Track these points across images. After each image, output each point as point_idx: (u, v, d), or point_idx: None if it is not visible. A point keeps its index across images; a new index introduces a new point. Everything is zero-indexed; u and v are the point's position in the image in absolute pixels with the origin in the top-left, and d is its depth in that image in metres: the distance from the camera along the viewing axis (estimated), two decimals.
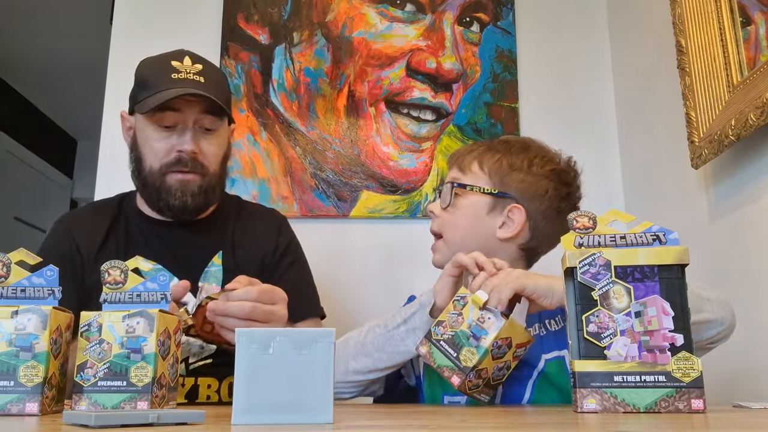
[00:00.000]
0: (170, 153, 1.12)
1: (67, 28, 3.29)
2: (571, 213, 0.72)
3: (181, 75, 1.11)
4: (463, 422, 0.62)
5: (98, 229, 1.18)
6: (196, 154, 1.12)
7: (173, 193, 1.12)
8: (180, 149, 1.12)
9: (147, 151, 1.14)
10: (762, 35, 1.18)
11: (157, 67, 1.15)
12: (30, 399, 0.69)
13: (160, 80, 1.11)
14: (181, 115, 1.11)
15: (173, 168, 1.12)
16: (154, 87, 1.11)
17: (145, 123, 1.14)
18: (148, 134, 1.14)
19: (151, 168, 1.14)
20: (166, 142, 1.12)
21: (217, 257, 1.18)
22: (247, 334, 0.58)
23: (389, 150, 1.83)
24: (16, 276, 0.74)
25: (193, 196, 1.13)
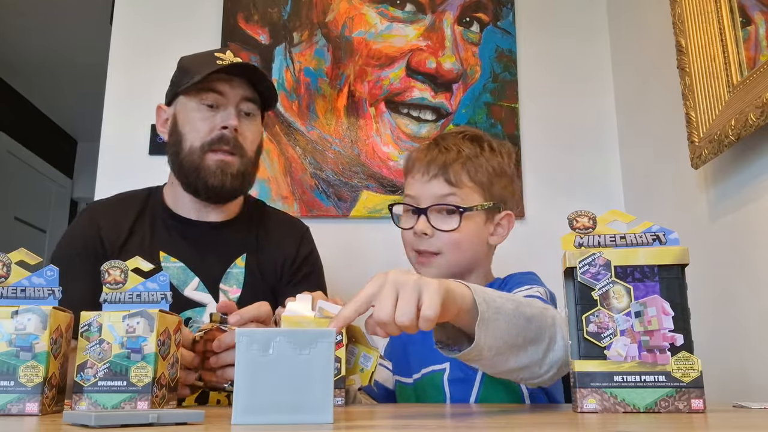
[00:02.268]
0: (212, 131, 1.13)
1: (67, 29, 3.29)
2: (571, 213, 0.72)
3: (225, 62, 1.14)
4: (463, 422, 0.62)
5: (124, 223, 1.17)
6: (237, 133, 1.14)
7: (213, 172, 1.13)
8: (224, 125, 1.13)
9: (188, 130, 1.15)
10: (762, 35, 1.18)
11: (200, 57, 1.18)
12: (30, 399, 0.69)
13: (206, 66, 1.13)
14: (224, 97, 1.14)
15: (215, 146, 1.13)
16: (199, 72, 1.13)
17: (188, 103, 1.16)
18: (191, 114, 1.15)
19: (192, 146, 1.14)
20: (210, 121, 1.14)
21: (240, 259, 1.18)
22: (248, 335, 0.58)
23: (389, 150, 1.83)
24: (16, 276, 0.74)
25: (232, 177, 1.14)
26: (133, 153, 1.86)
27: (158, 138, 1.86)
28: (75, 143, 4.70)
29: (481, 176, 1.04)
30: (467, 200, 1.03)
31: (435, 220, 1.03)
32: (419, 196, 1.05)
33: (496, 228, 1.07)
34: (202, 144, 1.13)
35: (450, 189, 1.03)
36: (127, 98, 1.90)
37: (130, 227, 1.17)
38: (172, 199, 1.21)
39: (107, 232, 1.16)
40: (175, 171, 1.18)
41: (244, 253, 1.19)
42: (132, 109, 1.89)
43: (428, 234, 1.03)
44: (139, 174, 1.85)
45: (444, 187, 1.03)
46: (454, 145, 1.05)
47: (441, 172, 1.03)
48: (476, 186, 1.04)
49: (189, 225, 1.19)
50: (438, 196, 1.03)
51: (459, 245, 1.03)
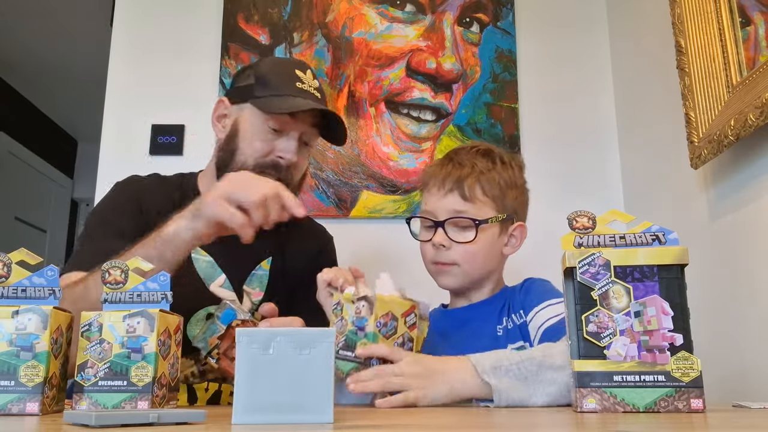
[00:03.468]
0: (269, 155, 1.12)
1: (67, 29, 3.29)
2: (570, 213, 0.72)
3: (304, 86, 1.13)
4: (463, 422, 0.62)
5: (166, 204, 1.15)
6: (292, 164, 1.13)
7: None
8: (282, 155, 1.12)
9: (246, 146, 1.13)
10: (761, 35, 1.18)
11: (281, 70, 1.16)
12: (30, 399, 0.69)
13: (285, 85, 1.12)
14: (294, 123, 1.12)
15: (266, 170, 1.11)
16: (279, 89, 1.11)
17: (255, 118, 1.13)
18: (255, 131, 1.13)
19: (245, 163, 1.12)
20: (269, 144, 1.12)
21: (265, 262, 1.18)
22: (248, 334, 0.58)
23: (389, 150, 1.83)
24: (17, 276, 0.74)
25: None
26: (133, 153, 1.86)
27: (159, 138, 1.86)
28: (75, 143, 4.70)
29: (494, 190, 1.09)
30: (481, 213, 1.07)
31: (452, 233, 1.08)
32: (436, 210, 1.09)
33: (510, 239, 1.12)
34: (255, 164, 1.12)
35: (465, 203, 1.07)
36: (127, 98, 1.90)
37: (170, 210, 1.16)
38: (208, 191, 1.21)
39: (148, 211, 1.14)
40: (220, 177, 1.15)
41: (270, 257, 1.19)
42: (132, 110, 1.89)
43: (446, 246, 1.08)
44: (140, 174, 1.85)
45: (459, 202, 1.07)
46: (467, 161, 1.10)
47: (456, 187, 1.08)
48: (489, 200, 1.08)
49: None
50: (454, 211, 1.07)
51: (475, 256, 1.08)
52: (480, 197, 1.08)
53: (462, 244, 1.07)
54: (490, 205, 1.08)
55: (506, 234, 1.11)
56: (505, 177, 1.10)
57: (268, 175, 1.10)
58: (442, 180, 1.09)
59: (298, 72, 1.14)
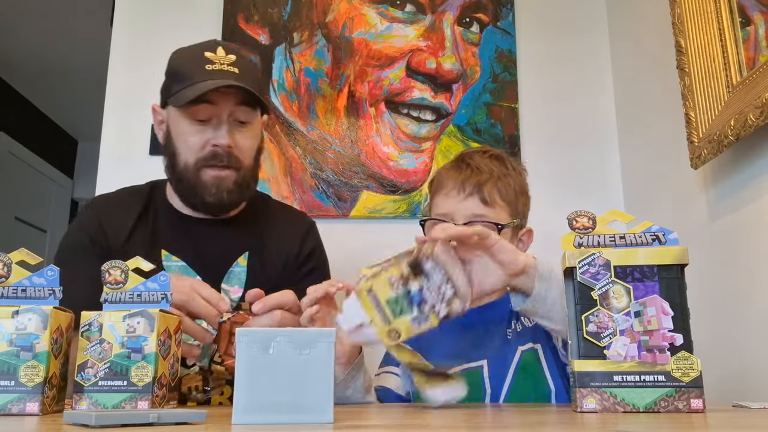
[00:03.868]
0: (205, 147, 1.10)
1: (67, 29, 3.29)
2: (570, 213, 0.72)
3: (215, 66, 1.09)
4: (463, 422, 0.62)
5: (127, 219, 1.15)
6: (231, 149, 1.11)
7: (209, 189, 1.10)
8: (216, 143, 1.10)
9: (181, 145, 1.11)
10: (761, 35, 1.18)
11: (190, 58, 1.13)
12: (30, 399, 0.69)
13: (195, 72, 1.09)
14: (216, 108, 1.09)
15: (209, 163, 1.10)
16: (189, 79, 1.09)
17: (179, 116, 1.11)
18: (183, 128, 1.11)
19: (186, 163, 1.11)
20: (201, 136, 1.10)
21: (242, 258, 1.17)
22: (248, 334, 0.58)
23: (389, 150, 1.83)
24: (17, 276, 0.74)
25: (229, 192, 1.12)
26: (133, 153, 1.86)
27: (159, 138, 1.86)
28: (75, 143, 4.70)
29: (510, 195, 1.10)
30: (498, 218, 1.08)
31: None
32: (453, 213, 1.08)
33: (518, 243, 1.13)
34: (196, 161, 1.10)
35: (484, 208, 1.07)
36: (127, 98, 1.90)
37: (133, 224, 1.15)
38: (174, 197, 1.19)
39: (111, 228, 1.14)
40: (172, 184, 1.16)
41: (247, 252, 1.17)
42: (132, 109, 1.89)
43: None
44: (140, 174, 1.85)
45: (479, 206, 1.07)
46: (484, 166, 1.10)
47: (476, 191, 1.08)
48: (506, 204, 1.09)
49: (191, 223, 1.17)
50: (473, 214, 1.07)
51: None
52: (498, 202, 1.08)
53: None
54: (506, 210, 1.09)
55: (516, 239, 1.12)
56: (518, 183, 1.12)
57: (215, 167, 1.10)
58: (461, 183, 1.09)
59: (207, 54, 1.11)
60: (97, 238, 1.13)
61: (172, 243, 1.14)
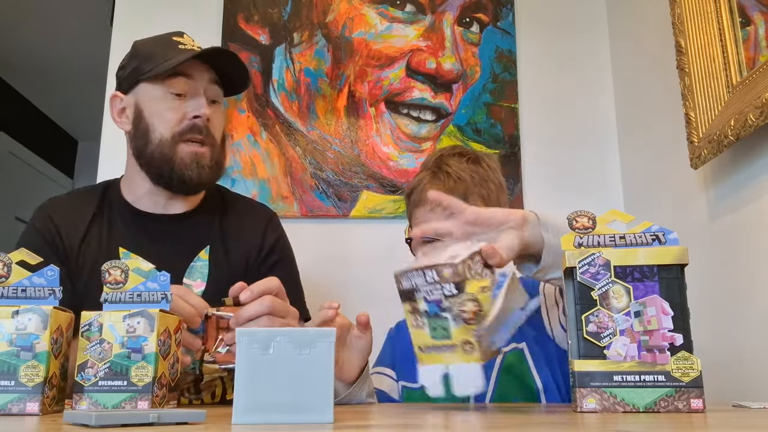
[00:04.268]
0: (183, 120, 1.10)
1: (67, 29, 3.29)
2: (570, 213, 0.72)
3: (186, 47, 1.11)
4: (463, 422, 0.62)
5: (81, 218, 1.14)
6: (209, 122, 1.11)
7: (188, 166, 1.10)
8: (197, 114, 1.10)
9: (157, 121, 1.10)
10: (761, 35, 1.18)
11: (158, 42, 1.14)
12: (31, 399, 0.69)
13: (167, 51, 1.10)
14: (193, 81, 1.11)
15: (186, 136, 1.10)
16: (162, 57, 1.09)
17: (154, 91, 1.11)
18: (158, 104, 1.11)
19: (162, 138, 1.10)
20: (179, 109, 1.10)
21: (203, 252, 1.15)
22: (248, 334, 0.58)
23: (389, 150, 1.83)
24: (17, 276, 0.74)
25: (209, 168, 1.12)
26: None
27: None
28: (75, 143, 4.70)
29: (492, 197, 1.08)
30: None
31: None
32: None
33: None
34: (173, 135, 1.10)
35: None
36: None
37: (88, 223, 1.14)
38: (130, 193, 1.18)
39: (65, 229, 1.13)
40: (143, 164, 1.13)
41: (208, 245, 1.15)
42: None
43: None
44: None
45: None
46: (463, 173, 1.07)
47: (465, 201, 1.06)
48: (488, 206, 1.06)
49: (148, 219, 1.15)
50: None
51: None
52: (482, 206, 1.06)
53: None
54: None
55: None
56: (497, 180, 1.10)
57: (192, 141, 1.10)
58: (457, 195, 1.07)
59: (175, 38, 1.13)
60: (52, 239, 1.13)
61: (129, 240, 1.12)
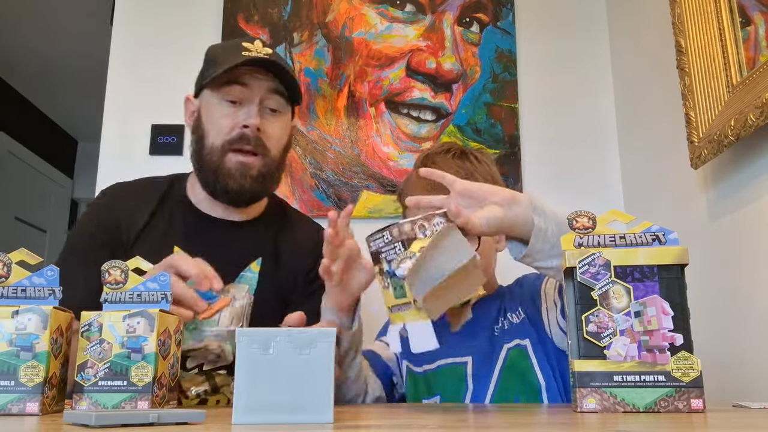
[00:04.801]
0: (233, 129, 1.08)
1: (67, 29, 3.29)
2: (570, 213, 0.72)
3: (251, 53, 1.09)
4: (463, 422, 0.62)
5: (143, 210, 1.13)
6: (259, 132, 1.09)
7: (232, 176, 1.09)
8: (245, 124, 1.08)
9: (210, 128, 1.10)
10: (761, 35, 1.18)
11: (227, 47, 1.14)
12: (30, 399, 0.69)
13: (231, 57, 1.08)
14: (248, 90, 1.09)
15: (235, 146, 1.08)
16: (223, 63, 1.08)
17: (211, 98, 1.11)
18: (213, 109, 1.10)
19: (213, 145, 1.09)
20: (231, 117, 1.09)
21: (255, 263, 1.14)
22: (248, 334, 0.58)
23: (389, 150, 1.83)
24: (17, 276, 0.74)
25: (252, 180, 1.09)
26: (133, 153, 1.86)
27: (159, 138, 1.86)
28: (75, 143, 4.70)
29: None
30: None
31: None
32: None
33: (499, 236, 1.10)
34: (223, 143, 1.09)
35: None
36: (127, 98, 1.90)
37: (149, 216, 1.13)
38: (193, 194, 1.17)
39: (126, 218, 1.12)
40: (196, 169, 1.15)
41: (260, 258, 1.15)
42: (132, 109, 1.89)
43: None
44: (140, 174, 1.85)
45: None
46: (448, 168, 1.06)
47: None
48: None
49: (208, 221, 1.15)
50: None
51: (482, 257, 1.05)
52: None
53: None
54: None
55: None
56: (486, 173, 1.09)
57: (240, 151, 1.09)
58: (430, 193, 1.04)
59: (245, 44, 1.11)
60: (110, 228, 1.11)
61: (185, 240, 1.11)
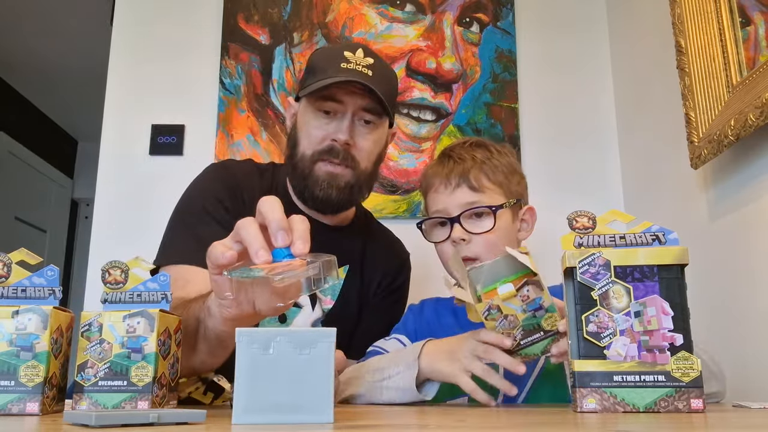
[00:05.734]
0: (324, 141, 1.09)
1: (67, 29, 3.29)
2: (570, 213, 0.72)
3: (350, 65, 1.07)
4: (463, 422, 0.62)
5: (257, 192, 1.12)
6: (349, 146, 1.09)
7: (319, 184, 1.09)
8: (334, 138, 1.08)
9: (303, 137, 1.11)
10: (761, 35, 1.18)
11: (328, 55, 1.12)
12: (30, 399, 0.69)
13: (329, 67, 1.08)
14: (342, 105, 1.08)
15: (324, 156, 1.09)
16: (321, 73, 1.08)
17: (307, 108, 1.11)
18: (308, 119, 1.11)
19: (304, 154, 1.10)
20: (323, 129, 1.09)
21: (342, 270, 1.15)
22: (248, 334, 0.58)
23: (389, 150, 1.83)
24: (17, 276, 0.74)
25: (339, 189, 1.10)
26: (133, 153, 1.86)
27: (159, 138, 1.86)
28: (75, 143, 4.70)
29: (498, 176, 1.09)
30: (491, 201, 1.07)
31: (469, 226, 1.06)
32: (447, 207, 1.08)
33: (522, 223, 1.12)
34: (313, 153, 1.09)
35: (475, 194, 1.07)
36: (127, 98, 1.90)
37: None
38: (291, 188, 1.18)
39: (244, 193, 1.12)
40: (289, 174, 1.15)
41: (347, 266, 1.16)
42: (132, 109, 1.89)
43: (466, 240, 1.06)
44: (140, 174, 1.86)
45: (469, 194, 1.07)
46: (466, 154, 1.10)
47: (462, 181, 1.07)
48: (496, 186, 1.08)
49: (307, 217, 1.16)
50: (465, 204, 1.06)
51: (496, 246, 1.05)
52: (488, 185, 1.08)
53: (481, 235, 1.05)
54: (498, 192, 1.08)
55: (518, 219, 1.12)
56: (504, 163, 1.11)
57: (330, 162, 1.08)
58: (447, 176, 1.09)
59: (346, 53, 1.10)
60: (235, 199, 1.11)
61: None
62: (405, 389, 0.90)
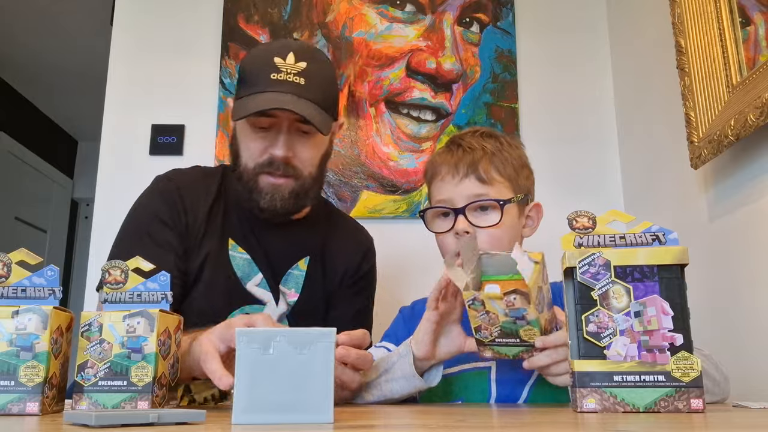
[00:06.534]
0: (263, 154, 1.09)
1: (67, 29, 3.29)
2: (570, 213, 0.72)
3: (281, 76, 1.05)
4: (463, 422, 0.62)
5: (205, 200, 1.13)
6: (289, 159, 1.08)
7: (263, 196, 1.09)
8: (272, 152, 1.08)
9: (243, 149, 1.11)
10: (761, 36, 1.18)
11: (259, 61, 1.09)
12: (30, 399, 0.69)
13: (260, 79, 1.06)
14: (276, 119, 1.07)
15: (265, 169, 1.09)
16: (252, 86, 1.06)
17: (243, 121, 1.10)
18: (246, 133, 1.10)
19: (246, 166, 1.10)
20: (261, 142, 1.09)
21: (303, 262, 1.15)
22: (247, 334, 0.58)
23: (389, 150, 1.83)
24: (17, 276, 0.74)
25: (283, 200, 1.10)
26: (133, 153, 1.86)
27: (159, 138, 1.86)
28: (75, 143, 4.70)
29: (508, 170, 1.05)
30: (499, 194, 1.03)
31: (473, 219, 1.02)
32: (452, 197, 1.04)
33: (527, 220, 1.09)
34: (255, 165, 1.09)
35: (483, 186, 1.03)
36: (127, 98, 1.90)
37: (209, 208, 1.14)
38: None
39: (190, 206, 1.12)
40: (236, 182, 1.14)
41: (308, 257, 1.16)
42: (132, 109, 1.89)
43: (470, 233, 1.01)
44: (140, 174, 1.85)
45: (477, 186, 1.03)
46: (476, 143, 1.06)
47: (471, 171, 1.03)
48: (505, 180, 1.05)
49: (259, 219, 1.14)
50: (472, 195, 1.02)
51: (501, 241, 1.02)
52: (497, 178, 1.04)
53: (486, 229, 1.01)
54: (507, 186, 1.04)
55: (524, 215, 1.08)
56: (515, 156, 1.07)
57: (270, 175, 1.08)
58: (455, 165, 1.04)
59: (276, 60, 1.06)
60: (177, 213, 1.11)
61: (239, 233, 1.13)
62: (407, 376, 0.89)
